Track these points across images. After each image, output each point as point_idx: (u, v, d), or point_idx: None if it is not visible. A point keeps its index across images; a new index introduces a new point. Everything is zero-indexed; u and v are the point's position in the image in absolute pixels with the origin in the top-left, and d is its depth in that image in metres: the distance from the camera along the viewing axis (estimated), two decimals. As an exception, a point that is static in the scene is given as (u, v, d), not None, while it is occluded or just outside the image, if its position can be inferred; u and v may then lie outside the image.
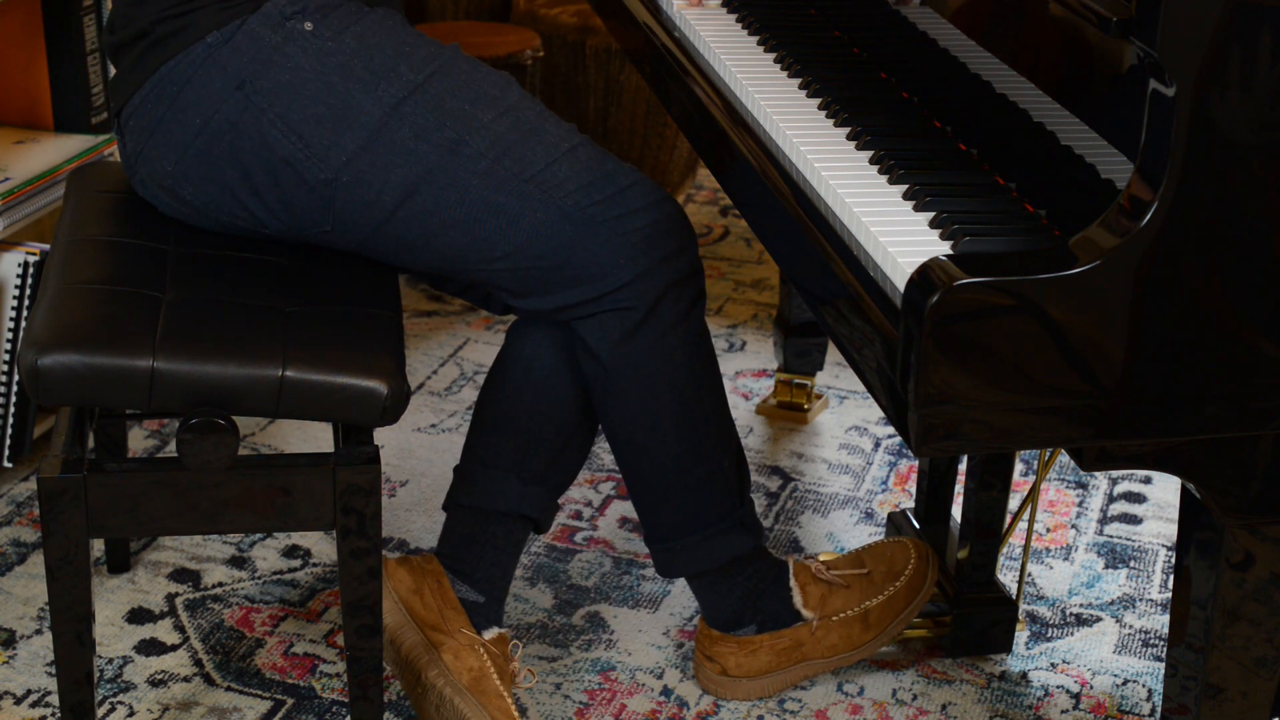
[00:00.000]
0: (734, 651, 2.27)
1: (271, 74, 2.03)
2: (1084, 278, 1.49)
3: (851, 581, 2.30)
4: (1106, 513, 2.77)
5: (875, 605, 2.29)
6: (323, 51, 2.04)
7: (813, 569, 2.29)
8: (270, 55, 2.03)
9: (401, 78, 2.06)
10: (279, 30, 2.04)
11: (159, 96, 2.06)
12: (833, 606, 2.28)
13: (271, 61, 2.03)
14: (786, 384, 3.01)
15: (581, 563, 2.59)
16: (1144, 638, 2.45)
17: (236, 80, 2.03)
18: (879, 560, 2.33)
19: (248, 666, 2.33)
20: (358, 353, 1.96)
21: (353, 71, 2.04)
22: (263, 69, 2.03)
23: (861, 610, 2.29)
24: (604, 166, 2.11)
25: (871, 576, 2.30)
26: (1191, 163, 1.48)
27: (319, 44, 2.04)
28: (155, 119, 2.06)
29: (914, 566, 2.31)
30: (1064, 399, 1.53)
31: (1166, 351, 1.53)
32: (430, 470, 2.81)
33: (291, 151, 2.04)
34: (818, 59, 2.16)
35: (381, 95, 2.04)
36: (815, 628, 2.27)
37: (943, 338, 1.48)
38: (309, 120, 2.03)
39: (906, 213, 1.73)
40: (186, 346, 1.92)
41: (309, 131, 2.04)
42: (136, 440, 2.86)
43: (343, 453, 1.97)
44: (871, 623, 2.29)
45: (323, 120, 2.04)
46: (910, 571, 2.31)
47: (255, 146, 2.04)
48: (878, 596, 2.29)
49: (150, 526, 1.96)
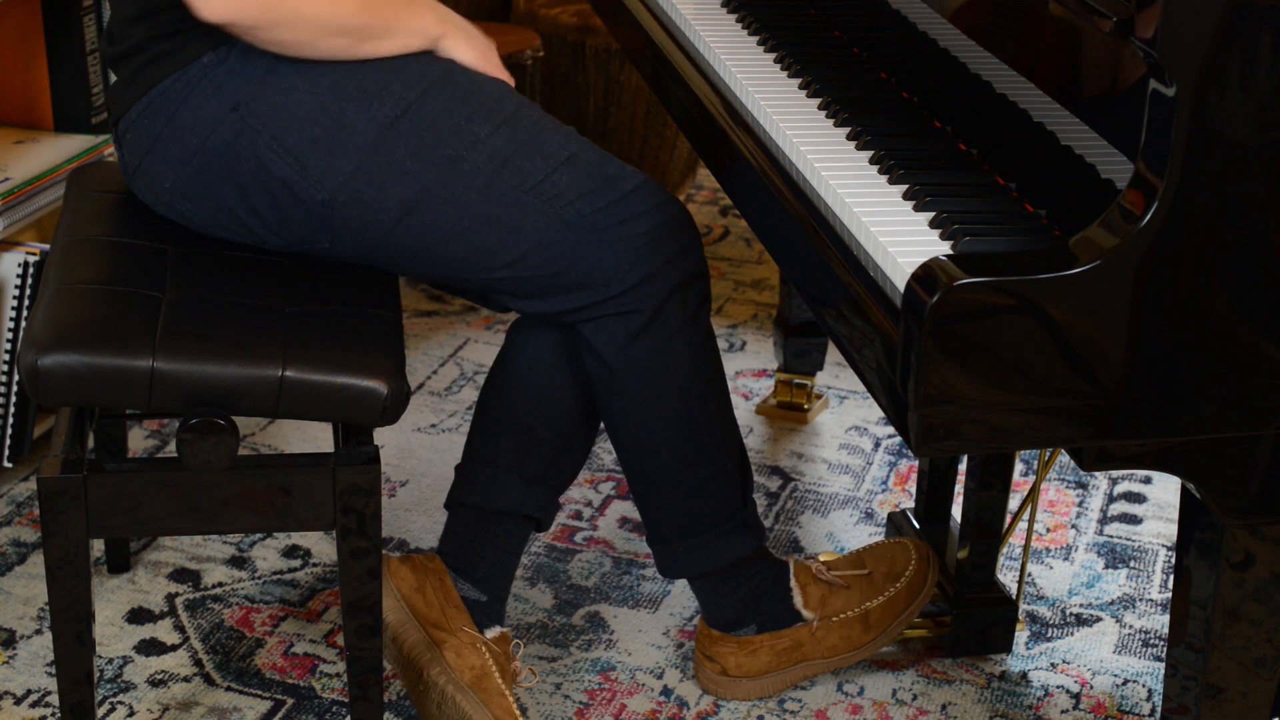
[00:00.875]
0: (734, 652, 2.28)
1: (266, 95, 2.03)
2: (1084, 278, 1.49)
3: (852, 582, 2.31)
4: (1106, 513, 2.78)
5: (875, 606, 2.30)
6: (315, 71, 2.03)
7: (813, 569, 2.30)
8: (265, 76, 2.03)
9: (394, 95, 2.05)
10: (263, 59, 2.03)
11: (155, 113, 2.06)
12: (833, 607, 2.29)
13: (265, 82, 2.03)
14: (786, 384, 3.02)
15: (581, 562, 2.59)
16: (1144, 638, 2.46)
17: (232, 101, 2.03)
18: (879, 561, 2.33)
19: (248, 666, 2.33)
20: (357, 353, 1.97)
21: (345, 91, 2.04)
22: (257, 90, 2.03)
23: (862, 611, 2.30)
24: (605, 171, 2.10)
25: (872, 577, 2.31)
26: (1191, 163, 1.48)
27: (311, 63, 2.03)
28: (152, 136, 2.06)
29: (914, 568, 2.32)
30: (1064, 399, 1.53)
31: (1166, 351, 1.53)
32: (430, 470, 2.82)
33: (288, 173, 2.03)
34: (818, 59, 2.17)
35: (375, 114, 2.04)
36: (815, 628, 2.28)
37: (943, 338, 1.49)
38: (304, 142, 2.03)
39: (906, 213, 1.73)
40: (186, 346, 1.93)
41: (304, 153, 2.03)
42: (136, 440, 2.87)
43: (343, 453, 1.98)
44: (872, 623, 2.30)
45: (318, 142, 2.03)
46: (911, 572, 2.32)
47: (252, 168, 2.04)
48: (878, 597, 2.30)
49: (150, 527, 1.96)
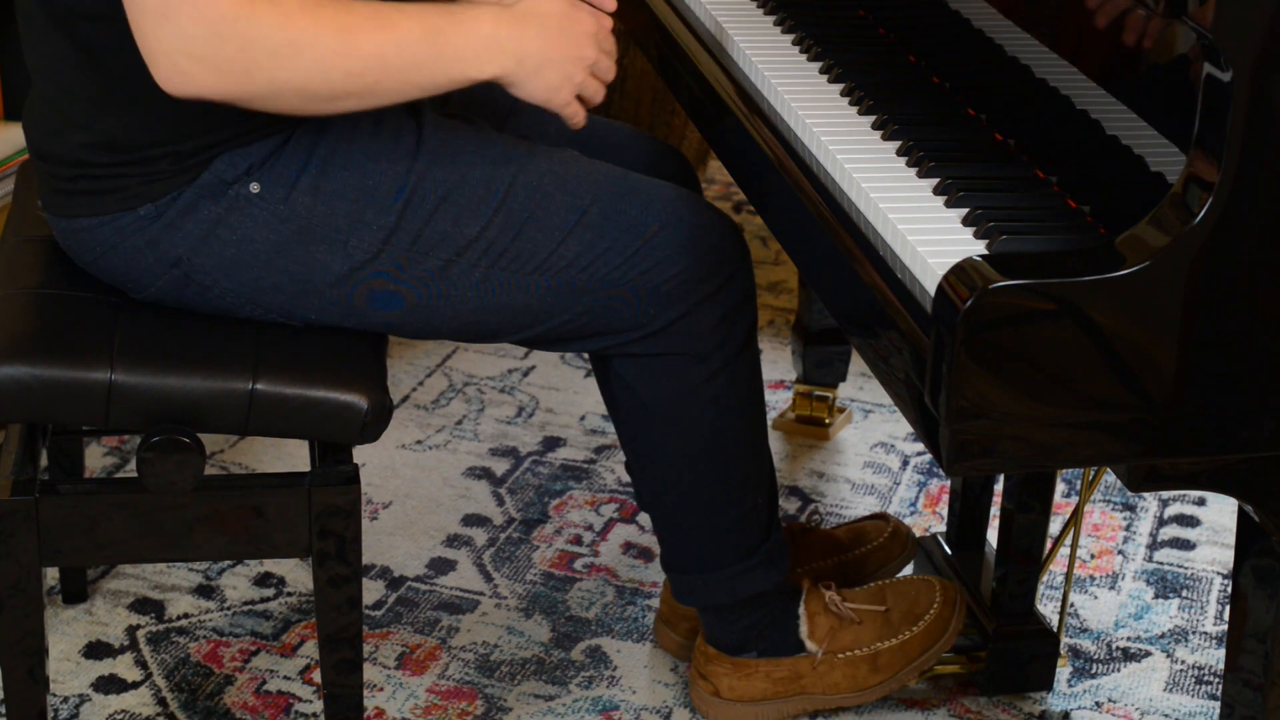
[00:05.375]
0: (728, 673, 2.29)
1: (214, 249, 1.94)
2: (1132, 280, 1.49)
3: (866, 618, 2.30)
4: (1156, 537, 2.77)
5: (886, 649, 2.29)
6: (274, 216, 1.94)
7: (826, 599, 2.29)
8: (212, 229, 1.94)
9: (370, 226, 1.96)
10: (220, 200, 1.93)
11: (81, 245, 1.98)
12: (841, 642, 2.28)
13: (214, 236, 1.94)
14: (806, 396, 3.01)
15: (581, 592, 2.59)
16: (1197, 674, 2.45)
17: (171, 259, 1.95)
18: (901, 598, 2.32)
19: (216, 706, 2.33)
20: (335, 364, 1.96)
21: (313, 233, 1.95)
22: (202, 245, 1.94)
23: (871, 652, 2.29)
24: (623, 220, 2.03)
25: (889, 615, 2.30)
26: (1249, 154, 1.48)
27: (269, 208, 1.94)
28: (82, 259, 2.00)
29: (936, 611, 2.31)
30: (1109, 413, 1.53)
31: (1222, 361, 1.53)
32: (416, 491, 2.81)
33: (252, 312, 1.99)
34: (840, 41, 2.16)
35: (352, 251, 1.96)
36: (818, 662, 2.27)
37: (977, 346, 1.48)
38: (266, 289, 1.96)
39: (938, 209, 1.73)
40: (147, 358, 1.92)
41: (268, 299, 1.97)
42: (94, 458, 2.86)
43: (319, 472, 1.97)
44: (880, 666, 2.29)
45: (281, 288, 1.96)
46: (931, 617, 2.30)
47: (207, 308, 1.99)
48: (891, 639, 2.29)
49: (109, 553, 1.96)
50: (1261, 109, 1.47)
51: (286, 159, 1.95)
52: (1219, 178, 1.48)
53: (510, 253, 2.00)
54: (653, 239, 2.03)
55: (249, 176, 1.93)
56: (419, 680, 2.38)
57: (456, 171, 1.99)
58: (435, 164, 1.99)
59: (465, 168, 2.00)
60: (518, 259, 2.00)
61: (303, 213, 1.95)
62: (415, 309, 2.01)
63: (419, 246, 1.98)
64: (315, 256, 1.96)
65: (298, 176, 1.95)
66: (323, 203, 1.95)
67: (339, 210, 1.95)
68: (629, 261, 2.03)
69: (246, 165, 1.93)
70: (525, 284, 2.01)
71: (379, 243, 1.96)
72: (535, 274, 2.01)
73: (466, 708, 2.33)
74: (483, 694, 2.36)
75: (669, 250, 2.04)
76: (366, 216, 1.96)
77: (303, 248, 1.95)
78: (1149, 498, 2.87)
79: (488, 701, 2.34)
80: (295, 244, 1.95)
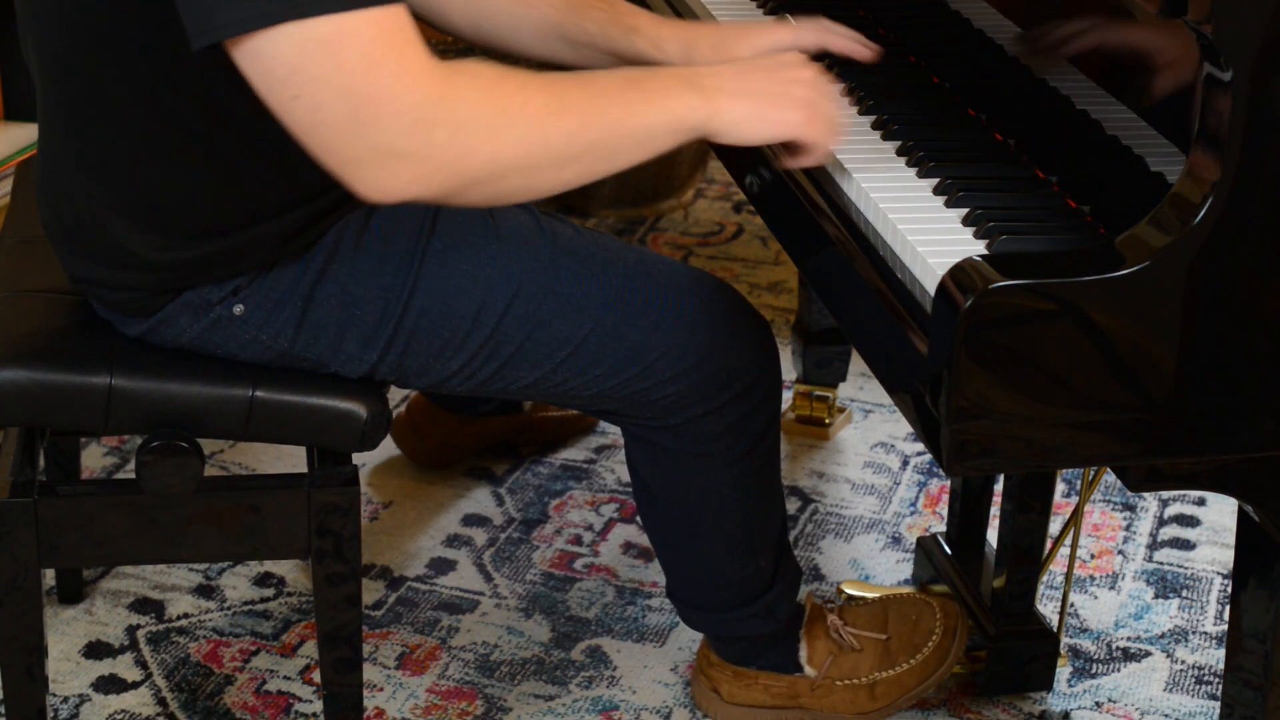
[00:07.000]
0: (729, 680, 2.30)
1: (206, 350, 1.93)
2: (1132, 280, 1.49)
3: (866, 645, 2.30)
4: (1156, 537, 2.77)
5: (884, 679, 2.29)
6: (256, 343, 1.91)
7: (828, 622, 2.29)
8: (194, 343, 1.92)
9: (355, 359, 1.93)
10: (202, 318, 1.90)
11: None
12: (840, 670, 2.28)
13: (201, 343, 1.92)
14: (806, 396, 3.01)
15: (581, 592, 2.59)
16: (1197, 674, 2.45)
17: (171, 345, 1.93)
18: (903, 622, 2.32)
19: (216, 706, 2.33)
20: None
21: (296, 356, 1.93)
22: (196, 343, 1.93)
23: (868, 682, 2.29)
24: (622, 345, 1.96)
25: (889, 645, 2.30)
26: (1250, 154, 1.48)
27: (251, 333, 1.90)
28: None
29: (936, 642, 2.30)
30: (1110, 413, 1.53)
31: (1223, 360, 1.53)
32: (415, 491, 2.81)
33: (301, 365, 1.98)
34: (839, 40, 2.16)
35: (336, 369, 1.95)
36: (816, 685, 2.28)
37: (977, 346, 1.48)
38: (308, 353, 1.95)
39: (937, 209, 1.73)
40: (147, 363, 1.92)
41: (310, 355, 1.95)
42: (93, 458, 2.86)
43: (318, 474, 1.97)
44: (878, 695, 2.29)
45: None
46: (930, 649, 2.30)
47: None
48: (889, 669, 2.29)
49: (107, 554, 1.96)
50: (1261, 109, 1.47)
51: (281, 281, 1.90)
52: (1219, 178, 1.48)
53: (495, 377, 1.98)
54: (653, 365, 1.98)
55: (235, 298, 1.89)
56: (419, 680, 2.38)
57: (446, 303, 1.92)
58: (427, 294, 1.92)
59: (456, 297, 1.92)
60: (502, 380, 1.98)
61: (284, 344, 1.92)
62: None
63: (401, 373, 1.97)
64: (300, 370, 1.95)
65: (287, 298, 1.90)
66: (309, 330, 1.91)
67: (323, 339, 1.92)
68: (624, 383, 2.00)
69: (233, 285, 1.89)
70: (511, 391, 2.01)
71: (363, 370, 1.95)
72: (521, 391, 2.01)
73: (466, 708, 2.33)
74: (483, 694, 2.36)
75: (669, 374, 2.00)
76: (349, 348, 1.92)
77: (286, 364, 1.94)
78: (1149, 498, 2.87)
79: (488, 701, 2.34)
80: (278, 361, 1.94)
